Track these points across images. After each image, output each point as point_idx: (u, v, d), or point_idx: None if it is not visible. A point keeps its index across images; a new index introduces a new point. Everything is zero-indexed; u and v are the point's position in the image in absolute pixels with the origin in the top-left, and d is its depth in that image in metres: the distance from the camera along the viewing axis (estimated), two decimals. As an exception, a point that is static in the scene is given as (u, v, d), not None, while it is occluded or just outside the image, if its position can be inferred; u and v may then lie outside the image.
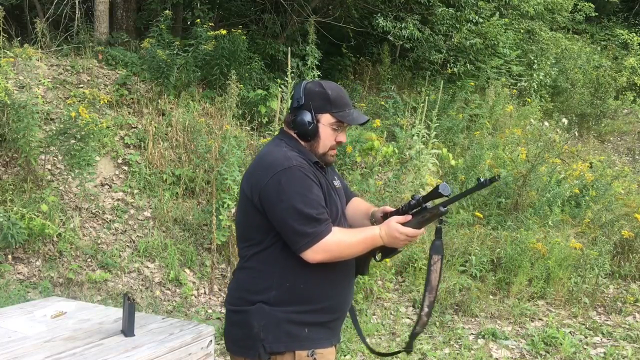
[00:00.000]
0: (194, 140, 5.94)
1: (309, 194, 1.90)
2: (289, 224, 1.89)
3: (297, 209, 1.87)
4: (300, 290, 1.96)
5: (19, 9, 8.09)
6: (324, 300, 2.00)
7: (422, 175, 6.63)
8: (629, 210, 6.41)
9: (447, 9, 8.74)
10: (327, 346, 2.02)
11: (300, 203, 1.88)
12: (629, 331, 4.61)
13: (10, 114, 4.72)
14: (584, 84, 11.08)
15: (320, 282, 1.98)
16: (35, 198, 4.67)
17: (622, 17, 15.24)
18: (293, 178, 1.90)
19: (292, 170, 1.91)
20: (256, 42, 8.25)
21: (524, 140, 8.07)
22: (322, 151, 2.04)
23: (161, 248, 5.03)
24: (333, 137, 2.03)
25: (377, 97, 8.89)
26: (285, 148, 2.00)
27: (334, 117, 2.01)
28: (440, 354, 4.12)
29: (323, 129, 2.02)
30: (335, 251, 1.91)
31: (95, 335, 1.93)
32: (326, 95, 2.01)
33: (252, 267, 2.01)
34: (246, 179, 2.05)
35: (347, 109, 2.04)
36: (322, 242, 1.88)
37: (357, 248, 1.95)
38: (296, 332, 1.94)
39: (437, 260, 1.93)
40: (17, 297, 3.88)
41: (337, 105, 2.02)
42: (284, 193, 1.89)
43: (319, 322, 1.99)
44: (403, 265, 5.36)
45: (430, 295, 1.94)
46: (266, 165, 1.96)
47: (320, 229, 1.88)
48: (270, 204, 1.92)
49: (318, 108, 2.01)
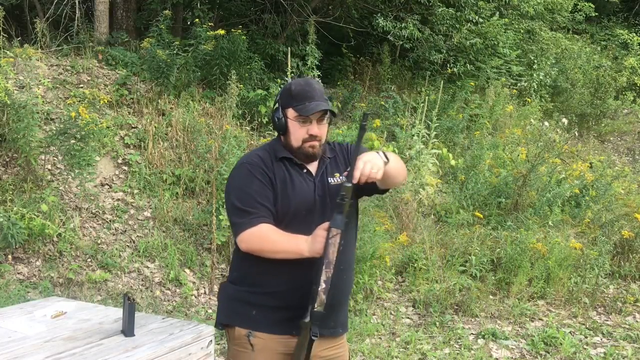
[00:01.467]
0: (194, 140, 5.94)
1: (245, 189, 2.07)
2: (227, 215, 2.19)
3: (231, 202, 2.09)
4: (253, 274, 2.10)
5: (19, 9, 8.09)
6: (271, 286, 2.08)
7: (422, 175, 6.63)
8: (629, 210, 6.41)
9: (447, 9, 8.74)
10: (271, 333, 2.05)
11: (234, 197, 2.08)
12: (629, 331, 4.61)
13: (10, 114, 4.72)
14: (584, 84, 11.07)
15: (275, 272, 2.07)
16: (35, 198, 4.67)
17: (622, 17, 15.23)
18: (237, 174, 2.12)
19: (239, 168, 2.13)
20: (256, 42, 8.24)
21: (524, 140, 8.07)
22: (296, 145, 2.12)
23: (161, 248, 5.03)
24: (303, 130, 2.10)
25: (377, 97, 8.89)
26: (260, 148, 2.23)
27: (294, 110, 2.09)
28: (440, 354, 4.12)
29: (291, 123, 2.11)
30: (255, 244, 2.03)
31: (95, 335, 1.93)
32: (289, 91, 2.12)
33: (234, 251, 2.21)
34: None
35: (306, 101, 2.07)
36: (244, 234, 2.02)
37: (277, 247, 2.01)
38: (242, 310, 2.09)
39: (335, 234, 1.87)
40: (17, 297, 3.88)
41: (297, 99, 2.08)
42: (228, 187, 2.17)
43: (265, 305, 2.07)
44: (403, 266, 5.36)
45: (327, 270, 1.87)
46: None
47: (243, 221, 2.03)
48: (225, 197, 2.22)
49: (284, 104, 2.12)
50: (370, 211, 5.70)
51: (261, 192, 2.07)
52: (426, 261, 5.27)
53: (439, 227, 6.09)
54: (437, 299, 4.88)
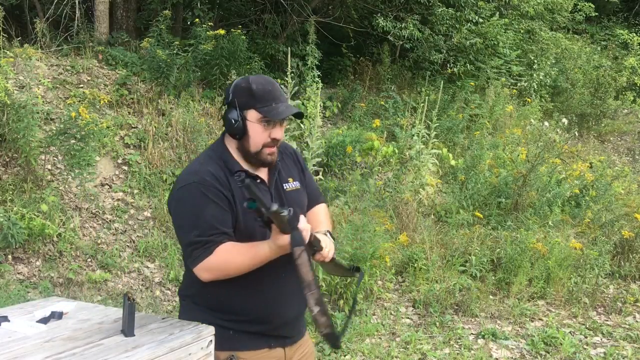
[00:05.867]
0: (194, 140, 5.94)
1: (198, 214, 1.85)
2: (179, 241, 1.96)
3: (183, 230, 1.90)
4: (221, 301, 1.95)
5: (19, 9, 8.09)
6: (249, 312, 1.95)
7: (422, 175, 6.63)
8: (629, 210, 6.41)
9: (447, 9, 8.74)
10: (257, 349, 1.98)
11: (186, 224, 1.88)
12: (629, 331, 4.61)
13: (10, 114, 4.72)
14: (584, 84, 11.07)
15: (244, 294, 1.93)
16: (35, 198, 4.67)
17: (622, 17, 15.24)
18: (187, 197, 1.88)
19: (189, 188, 1.88)
20: (256, 42, 8.25)
21: (524, 140, 8.08)
22: (255, 149, 1.92)
23: (161, 248, 5.03)
24: (265, 133, 1.91)
25: (377, 97, 8.89)
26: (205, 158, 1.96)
27: (259, 112, 1.89)
28: (440, 354, 4.12)
29: (251, 125, 1.90)
30: (218, 270, 1.86)
31: (95, 335, 1.93)
32: (249, 90, 1.90)
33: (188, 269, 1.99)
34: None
35: (273, 103, 1.90)
36: (203, 264, 1.85)
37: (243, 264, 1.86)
38: (218, 333, 1.90)
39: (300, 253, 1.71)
40: (17, 297, 3.88)
41: (261, 100, 1.89)
42: (176, 212, 1.93)
43: (245, 330, 1.95)
44: (403, 265, 5.36)
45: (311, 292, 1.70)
46: (177, 180, 1.97)
47: (198, 253, 1.85)
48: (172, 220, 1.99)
49: (243, 104, 1.90)
50: (370, 211, 5.70)
51: (218, 217, 1.86)
52: (426, 261, 5.27)
53: (439, 227, 6.09)
54: (437, 299, 4.88)
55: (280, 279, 1.97)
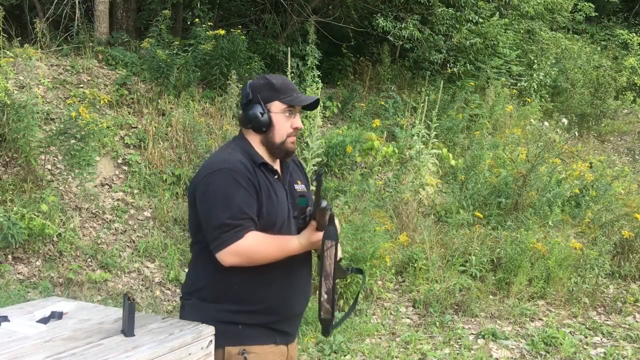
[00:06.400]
0: (194, 140, 5.94)
1: (230, 197, 1.91)
2: (206, 226, 1.95)
3: (214, 212, 1.92)
4: (234, 291, 1.98)
5: (19, 9, 8.09)
6: (259, 302, 1.99)
7: (422, 175, 6.63)
8: (629, 210, 6.41)
9: (447, 9, 8.74)
10: (265, 344, 2.01)
11: (218, 206, 1.91)
12: (629, 331, 4.61)
13: (10, 114, 4.72)
14: (584, 84, 11.08)
15: (257, 285, 1.98)
16: (35, 198, 4.67)
17: (622, 17, 15.24)
18: (220, 181, 1.93)
19: (221, 173, 1.94)
20: (256, 42, 8.24)
21: (524, 140, 8.07)
22: (280, 140, 2.05)
23: (161, 248, 5.03)
24: (288, 123, 2.05)
25: (377, 97, 8.89)
26: (232, 149, 2.04)
27: (283, 102, 2.03)
28: (440, 354, 4.12)
29: (276, 117, 2.04)
30: (244, 256, 1.91)
31: (95, 335, 1.93)
32: (271, 85, 2.04)
33: (196, 264, 2.08)
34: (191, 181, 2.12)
35: (294, 93, 2.06)
36: (231, 247, 1.89)
37: (270, 254, 1.94)
38: (227, 329, 1.95)
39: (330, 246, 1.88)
40: (17, 297, 3.87)
41: (283, 92, 2.04)
42: (208, 195, 1.95)
43: (255, 323, 1.99)
44: (403, 265, 5.36)
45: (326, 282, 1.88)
46: (204, 166, 2.03)
47: (228, 235, 1.89)
48: (198, 203, 1.99)
49: (266, 98, 2.03)
50: (370, 211, 5.70)
51: (247, 202, 1.94)
52: (426, 261, 5.27)
53: (439, 227, 6.09)
54: (437, 299, 4.88)
55: (290, 273, 2.05)
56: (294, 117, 2.06)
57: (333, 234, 1.88)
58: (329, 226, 1.89)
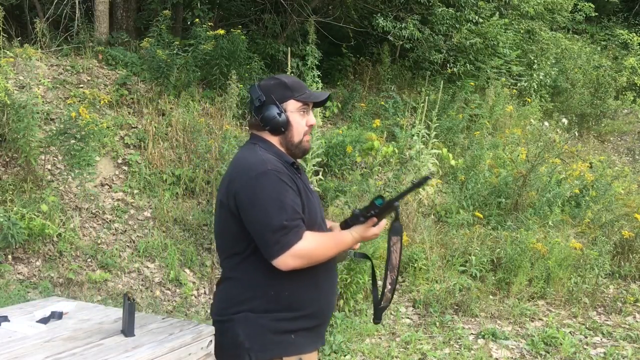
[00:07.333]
0: (194, 140, 5.94)
1: (283, 199, 1.85)
2: (260, 231, 1.86)
3: (269, 216, 1.83)
4: (285, 297, 1.93)
5: (19, 9, 8.09)
6: (309, 306, 1.98)
7: (422, 175, 6.63)
8: (629, 210, 6.41)
9: (447, 9, 8.74)
10: (312, 351, 2.02)
11: (273, 209, 1.84)
12: (629, 331, 4.61)
13: (10, 114, 4.72)
14: (584, 84, 11.08)
15: (306, 288, 1.96)
16: (35, 198, 4.67)
17: (622, 17, 15.24)
18: (267, 183, 1.86)
19: (267, 175, 1.87)
20: (256, 42, 8.24)
21: (524, 140, 8.07)
22: (298, 139, 2.03)
23: (161, 248, 5.03)
24: (303, 121, 2.03)
25: (377, 97, 8.89)
26: (261, 151, 1.98)
27: (298, 100, 2.01)
28: (440, 354, 4.12)
29: (292, 116, 2.01)
30: (307, 257, 1.87)
31: (95, 335, 1.93)
32: (283, 84, 2.02)
33: (236, 277, 2.00)
34: (222, 186, 2.01)
35: (306, 90, 2.04)
36: (293, 249, 1.84)
37: (329, 252, 1.96)
38: (282, 339, 1.92)
39: (396, 242, 2.01)
40: (17, 297, 3.88)
41: (297, 89, 2.02)
42: (258, 198, 1.86)
43: (305, 328, 1.98)
44: (403, 265, 5.35)
45: (391, 274, 2.01)
46: (241, 170, 1.94)
47: (290, 237, 1.83)
48: (244, 210, 1.88)
49: (281, 98, 2.00)
50: (370, 211, 5.69)
51: (296, 202, 1.89)
52: (426, 261, 5.27)
53: (439, 227, 6.09)
54: (437, 299, 4.88)
55: (331, 275, 2.09)
56: (307, 115, 2.05)
57: (399, 230, 2.01)
58: (394, 223, 2.02)
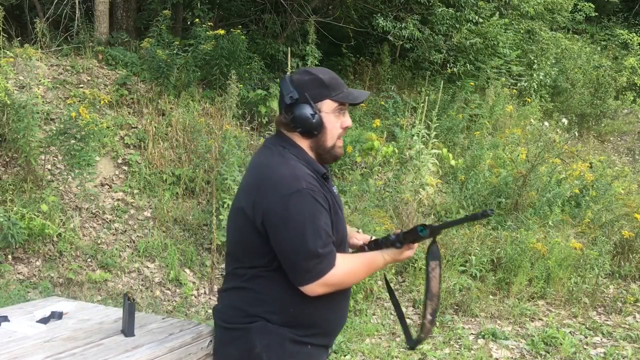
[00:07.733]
0: (194, 140, 5.94)
1: (318, 222, 1.70)
2: (291, 256, 1.72)
3: (303, 241, 1.68)
4: (305, 316, 1.82)
5: (19, 9, 8.09)
6: (327, 324, 1.91)
7: (422, 175, 6.63)
8: (629, 210, 6.41)
9: (447, 9, 8.74)
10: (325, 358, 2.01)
11: (307, 234, 1.68)
12: (629, 331, 4.61)
13: (10, 114, 4.72)
14: (584, 84, 11.08)
15: (326, 310, 1.87)
16: (35, 198, 4.67)
17: (622, 17, 15.25)
18: (303, 204, 1.69)
19: (301, 195, 1.69)
20: (256, 42, 8.24)
21: (524, 140, 8.07)
22: (331, 143, 1.82)
23: (161, 248, 5.03)
24: (338, 123, 1.82)
25: (377, 97, 8.89)
26: (293, 161, 1.77)
27: (335, 101, 1.79)
28: (440, 354, 4.12)
29: (327, 117, 1.79)
30: (337, 285, 1.78)
31: (95, 335, 1.93)
32: (320, 81, 1.78)
33: (253, 288, 1.83)
34: (246, 194, 1.80)
35: (344, 88, 1.82)
36: (325, 279, 1.72)
37: (360, 277, 1.90)
38: (299, 350, 1.83)
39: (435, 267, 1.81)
40: (17, 297, 3.88)
41: (334, 88, 1.79)
42: (291, 221, 1.69)
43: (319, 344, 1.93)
44: (403, 266, 5.36)
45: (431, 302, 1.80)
46: (271, 184, 1.73)
47: (323, 266, 1.71)
48: (274, 229, 1.72)
49: (315, 96, 1.77)
50: (370, 211, 5.70)
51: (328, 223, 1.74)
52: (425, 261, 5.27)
53: (439, 227, 6.08)
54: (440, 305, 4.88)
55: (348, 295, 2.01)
56: (343, 116, 1.83)
57: (437, 255, 1.82)
58: (432, 246, 1.82)
